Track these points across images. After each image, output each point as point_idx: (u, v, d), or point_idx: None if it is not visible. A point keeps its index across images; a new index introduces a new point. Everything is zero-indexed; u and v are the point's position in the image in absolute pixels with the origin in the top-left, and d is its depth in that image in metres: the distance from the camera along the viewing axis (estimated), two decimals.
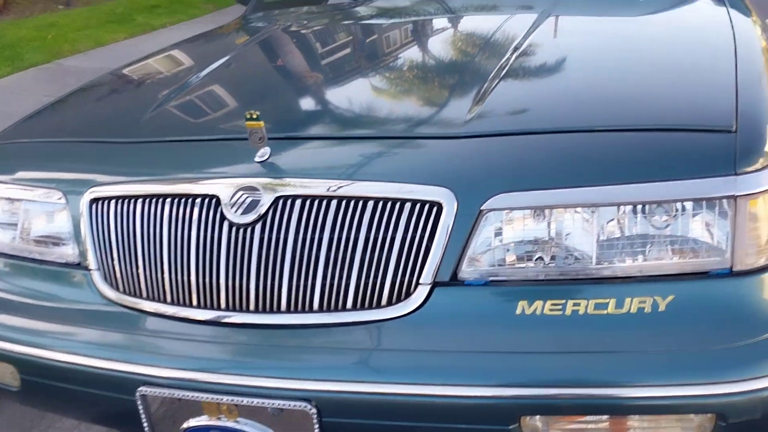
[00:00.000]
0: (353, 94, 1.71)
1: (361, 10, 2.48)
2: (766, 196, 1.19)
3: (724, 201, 1.18)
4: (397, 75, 1.80)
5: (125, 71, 2.22)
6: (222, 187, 1.35)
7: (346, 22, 2.40)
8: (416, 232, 1.23)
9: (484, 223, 1.23)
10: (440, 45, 1.98)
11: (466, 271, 1.24)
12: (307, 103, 1.68)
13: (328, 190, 1.28)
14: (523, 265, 1.24)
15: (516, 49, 1.69)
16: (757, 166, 1.19)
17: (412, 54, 1.92)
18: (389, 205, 1.25)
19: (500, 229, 1.24)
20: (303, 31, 2.33)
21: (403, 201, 1.25)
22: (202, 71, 1.90)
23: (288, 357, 1.27)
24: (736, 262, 1.19)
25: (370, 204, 1.26)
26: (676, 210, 1.19)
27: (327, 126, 1.53)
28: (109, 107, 1.91)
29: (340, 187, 1.28)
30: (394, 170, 1.31)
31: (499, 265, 1.25)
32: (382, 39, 2.13)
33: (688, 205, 1.19)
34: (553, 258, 1.23)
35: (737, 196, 1.17)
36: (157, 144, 1.54)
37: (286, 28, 2.33)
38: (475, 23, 2.21)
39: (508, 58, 1.64)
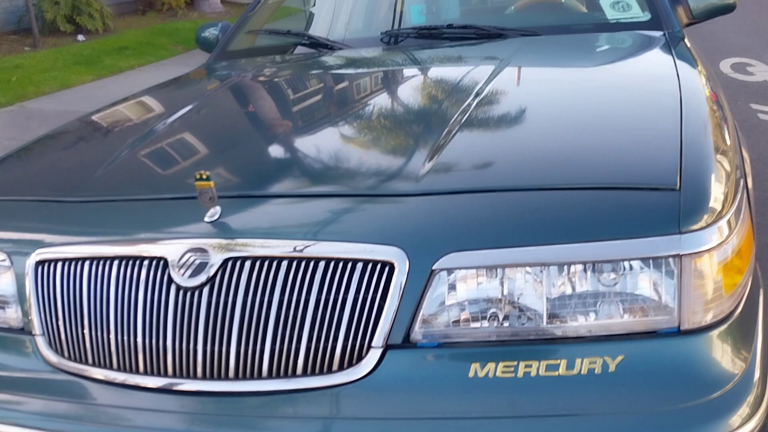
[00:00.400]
0: (307, 150, 1.71)
1: (324, 60, 2.49)
2: (711, 254, 1.20)
3: (670, 260, 1.18)
4: (353, 130, 1.80)
5: (82, 122, 2.19)
6: (171, 248, 1.32)
7: (306, 74, 2.40)
8: (368, 293, 1.22)
9: (436, 283, 1.22)
10: (397, 99, 1.99)
11: (419, 333, 1.23)
12: (260, 160, 1.66)
13: (278, 250, 1.27)
14: (476, 325, 1.23)
15: (470, 104, 1.71)
16: (702, 224, 1.20)
17: (369, 108, 1.92)
18: (341, 265, 1.24)
19: (452, 288, 1.23)
20: (261, 84, 2.33)
21: (355, 261, 1.24)
22: (158, 125, 1.89)
23: (239, 427, 1.24)
24: (684, 320, 1.19)
25: (321, 264, 1.24)
26: (624, 269, 1.19)
27: (279, 184, 1.51)
28: (62, 162, 1.89)
29: (290, 247, 1.27)
30: (346, 229, 1.30)
31: (452, 326, 1.24)
32: (339, 92, 2.13)
33: (636, 264, 1.19)
34: (505, 318, 1.22)
35: (682, 255, 1.18)
36: (107, 203, 1.52)
37: (245, 80, 2.33)
38: (433, 76, 2.22)
39: (462, 113, 1.65)
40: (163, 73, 7.46)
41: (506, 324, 1.22)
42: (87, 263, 1.36)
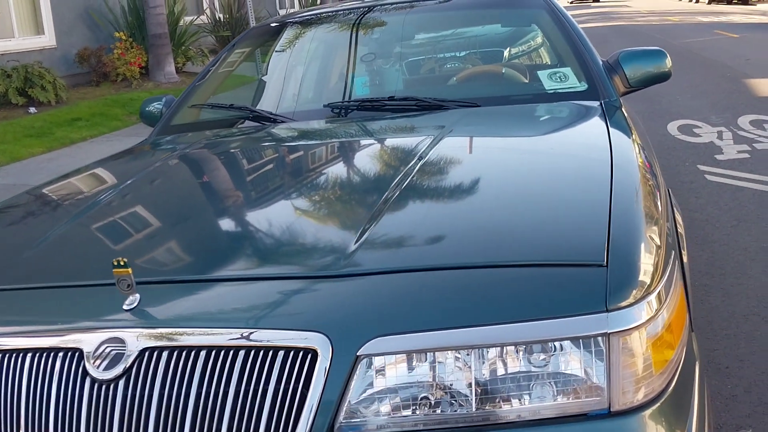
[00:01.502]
0: (232, 231, 1.65)
1: (264, 134, 2.47)
2: (640, 330, 1.17)
3: (598, 339, 1.15)
4: (283, 208, 1.75)
5: (14, 202, 2.12)
6: (87, 339, 1.26)
7: (243, 150, 2.36)
8: (290, 382, 1.16)
9: (361, 370, 1.16)
10: (332, 175, 1.95)
11: (344, 423, 1.17)
12: (184, 243, 1.59)
13: (196, 339, 1.21)
14: (405, 413, 1.17)
15: (402, 179, 1.68)
16: (630, 300, 1.17)
17: (302, 184, 1.89)
18: (261, 353, 1.18)
19: (378, 375, 1.17)
20: (195, 162, 2.28)
21: (276, 349, 1.18)
22: (86, 205, 1.83)
23: None
24: (614, 401, 1.15)
25: (242, 353, 1.19)
26: (554, 349, 1.16)
27: (201, 268, 1.45)
28: None
29: (209, 335, 1.21)
30: (268, 315, 1.25)
31: (379, 414, 1.18)
32: (274, 169, 2.10)
33: (565, 344, 1.15)
34: (434, 405, 1.17)
35: (610, 333, 1.14)
36: (22, 291, 1.44)
37: (178, 158, 2.29)
38: (370, 150, 2.19)
39: (394, 189, 1.63)
40: (117, 144, 7.41)
41: (436, 411, 1.17)
42: None
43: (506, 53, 2.95)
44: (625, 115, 2.34)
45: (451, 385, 1.16)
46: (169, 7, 11.86)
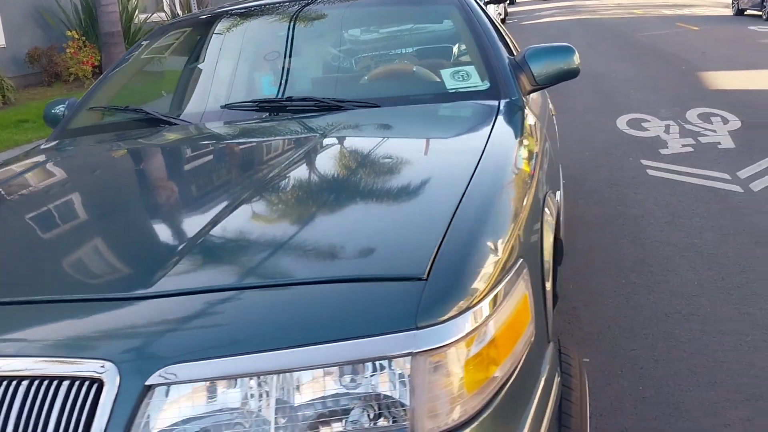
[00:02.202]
0: (32, 250, 1.51)
1: (144, 140, 2.36)
2: (455, 348, 1.09)
3: (404, 359, 1.07)
4: (115, 222, 1.62)
5: None
6: None
7: (106, 158, 2.24)
8: (72, 414, 1.07)
9: (151, 401, 1.07)
10: (171, 187, 1.82)
11: None
12: None
13: None
14: None
15: (246, 192, 1.59)
16: (444, 316, 1.10)
17: (146, 196, 1.78)
18: (44, 383, 1.09)
19: (174, 405, 1.08)
20: (47, 173, 2.16)
21: (61, 378, 1.09)
22: None
23: None
24: (418, 425, 1.07)
25: (24, 383, 1.10)
26: (363, 371, 1.08)
27: None
28: None
29: None
30: (53, 341, 1.15)
31: None
32: (123, 180, 1.96)
33: (375, 365, 1.08)
34: None
35: (416, 352, 1.07)
36: None
37: (34, 169, 2.17)
38: (232, 158, 2.06)
39: (235, 201, 1.52)
40: None
41: None
42: None
43: (416, 51, 2.87)
44: (525, 115, 2.28)
45: (255, 412, 1.08)
46: (122, 5, 11.65)
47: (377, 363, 1.07)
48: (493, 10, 8.48)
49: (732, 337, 2.82)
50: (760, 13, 16.61)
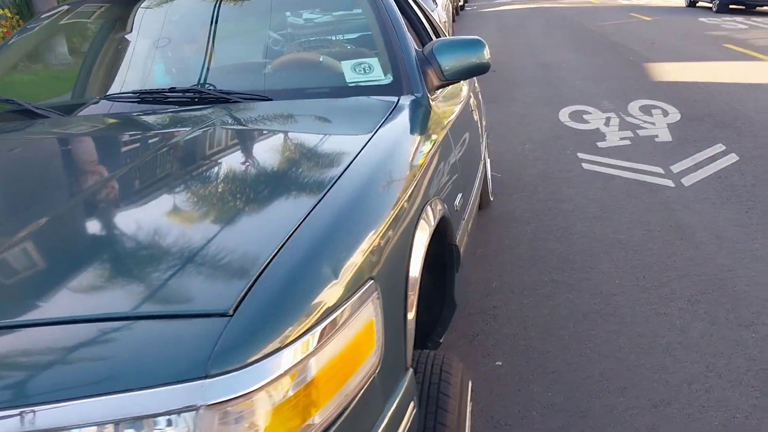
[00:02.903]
0: None
1: (14, 134, 2.19)
2: (265, 394, 0.97)
3: (189, 413, 0.93)
4: None
5: None
6: None
7: None
8: None
9: None
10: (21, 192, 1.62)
11: None
12: None
13: None
14: None
15: (63, 205, 1.43)
16: (246, 361, 0.96)
17: None
18: None
19: None
20: None
21: None
22: None
23: None
24: None
25: None
26: (149, 428, 0.93)
27: None
28: None
29: None
30: None
31: None
32: None
33: (159, 420, 0.93)
34: None
35: (202, 406, 0.93)
36: None
37: None
38: (93, 161, 1.87)
39: (39, 219, 1.35)
40: None
41: None
42: None
43: (321, 41, 2.74)
44: (427, 113, 2.16)
45: None
46: None
47: (162, 418, 0.93)
48: None
49: (647, 339, 2.77)
50: (710, 5, 16.80)
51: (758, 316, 2.87)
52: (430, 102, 2.28)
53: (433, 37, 3.21)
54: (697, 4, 18.08)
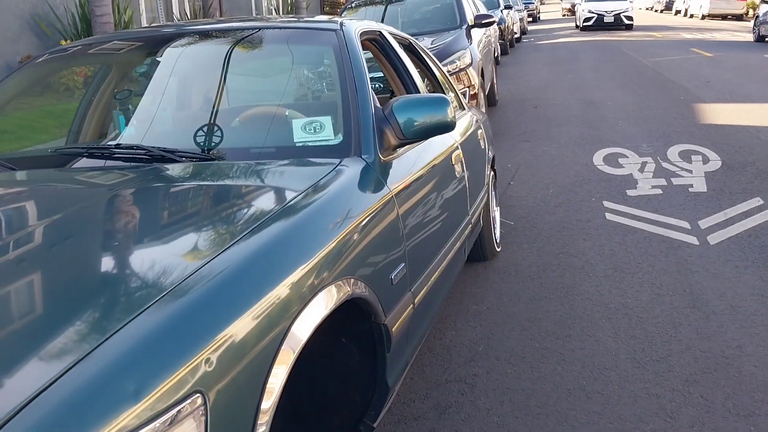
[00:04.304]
0: None
1: None
2: None
3: None
4: None
5: None
6: None
7: None
8: None
9: None
10: None
11: None
12: None
13: None
14: None
15: None
16: None
17: None
18: None
19: None
20: None
21: None
22: None
23: None
24: None
25: None
26: None
27: None
28: None
29: None
30: None
31: None
32: None
33: None
34: None
35: None
36: None
37: None
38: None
39: None
40: None
41: None
42: None
43: (281, 97, 2.62)
44: (370, 177, 2.02)
45: None
46: (117, 17, 11.58)
47: None
48: (480, 33, 8.20)
49: (629, 424, 2.53)
50: None
51: (761, 405, 2.59)
52: (380, 164, 2.14)
53: (420, 85, 3.06)
54: (766, 39, 17.43)
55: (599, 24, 23.99)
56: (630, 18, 24.06)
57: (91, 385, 1.00)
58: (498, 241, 4.28)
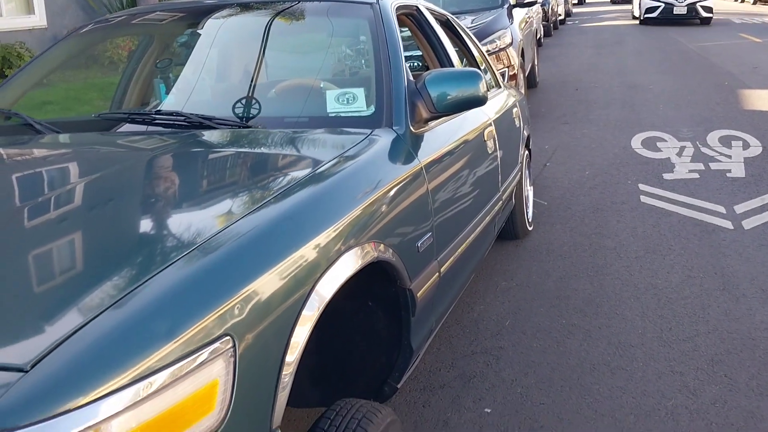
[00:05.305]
0: None
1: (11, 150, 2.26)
2: None
3: None
4: None
5: None
6: None
7: None
8: None
9: None
10: None
11: None
12: None
13: None
14: None
15: None
16: (30, 420, 0.91)
17: None
18: None
19: None
20: None
21: None
22: None
23: None
24: None
25: None
26: None
27: None
28: None
29: None
30: None
31: None
32: None
33: None
34: None
35: None
36: None
37: None
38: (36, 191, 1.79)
39: None
40: None
41: None
42: None
43: (318, 69, 2.67)
44: (401, 147, 2.07)
45: None
46: None
47: None
48: (522, 13, 8.14)
49: (652, 400, 2.56)
50: None
51: None
52: (411, 136, 2.19)
53: (456, 62, 3.09)
54: None
55: (667, 15, 18.48)
56: (709, 10, 18.39)
57: (127, 322, 1.08)
58: (530, 220, 4.30)
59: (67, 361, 0.98)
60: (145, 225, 1.51)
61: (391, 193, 1.87)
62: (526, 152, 4.21)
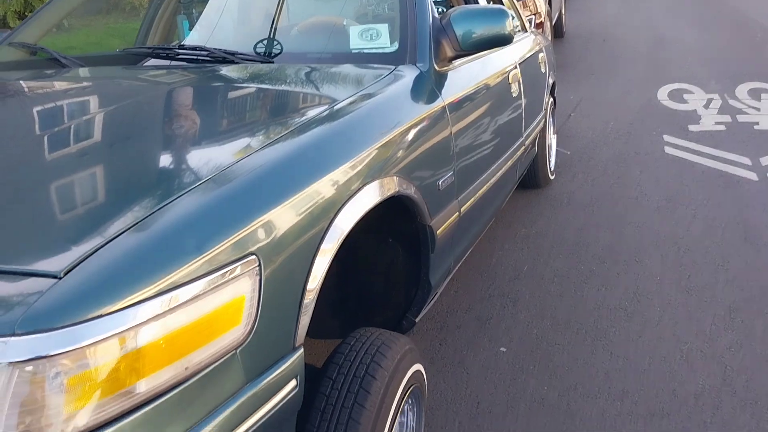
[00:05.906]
0: None
1: (33, 83, 2.29)
2: (75, 357, 0.95)
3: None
4: None
5: None
6: None
7: None
8: None
9: None
10: None
11: None
12: None
13: None
14: None
15: None
16: (62, 323, 0.95)
17: None
18: None
19: None
20: None
21: None
22: None
23: None
24: None
25: None
26: None
27: None
28: None
29: None
30: None
31: None
32: None
33: None
34: None
35: (12, 362, 0.93)
36: None
37: None
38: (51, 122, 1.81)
39: None
40: None
41: None
42: None
43: (343, 6, 2.65)
44: (424, 84, 2.06)
45: None
46: None
47: None
48: None
49: (668, 343, 2.57)
50: None
51: None
52: (435, 73, 2.17)
53: (482, 3, 3.05)
54: None
55: None
56: None
57: (157, 236, 1.10)
58: (552, 169, 4.28)
59: (98, 270, 1.02)
60: (169, 152, 1.54)
61: (413, 130, 1.88)
62: (551, 99, 4.16)
